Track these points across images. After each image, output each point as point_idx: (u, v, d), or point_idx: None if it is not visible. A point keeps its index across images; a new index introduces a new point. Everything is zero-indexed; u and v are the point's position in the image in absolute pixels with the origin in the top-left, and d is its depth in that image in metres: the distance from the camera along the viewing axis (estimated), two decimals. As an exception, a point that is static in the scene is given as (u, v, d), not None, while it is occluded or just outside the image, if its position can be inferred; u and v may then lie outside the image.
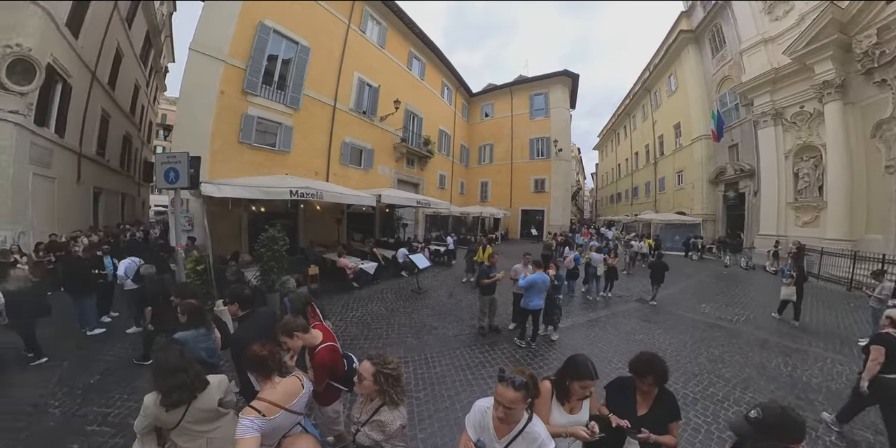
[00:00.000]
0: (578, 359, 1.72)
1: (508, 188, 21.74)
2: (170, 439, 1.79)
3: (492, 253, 6.13)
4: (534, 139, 20.95)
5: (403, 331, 5.43)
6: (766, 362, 4.48)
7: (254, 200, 8.04)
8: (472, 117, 23.59)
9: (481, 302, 5.40)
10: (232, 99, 8.68)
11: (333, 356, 2.11)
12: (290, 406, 1.68)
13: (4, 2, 6.95)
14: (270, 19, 9.33)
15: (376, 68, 13.29)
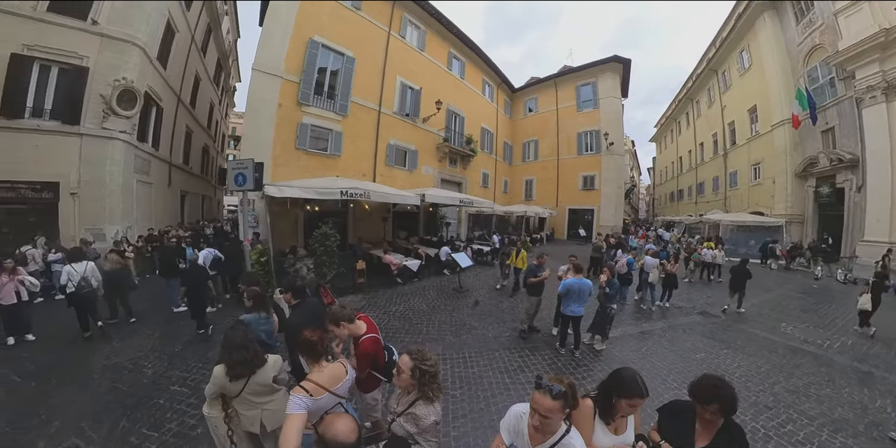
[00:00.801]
0: (626, 373, 1.57)
1: (554, 186, 20.48)
2: (232, 406, 2.07)
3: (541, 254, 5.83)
4: (582, 133, 19.50)
5: (443, 328, 5.45)
6: (869, 402, 3.60)
7: (309, 200, 8.82)
8: (515, 113, 22.86)
9: (528, 302, 5.23)
10: (289, 110, 9.62)
11: (375, 347, 2.20)
12: (334, 389, 1.81)
13: (113, 42, 8.50)
14: (319, 35, 10.16)
15: (417, 71, 13.63)
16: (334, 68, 10.72)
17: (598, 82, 19.04)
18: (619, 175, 19.02)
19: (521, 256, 7.44)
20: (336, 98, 10.72)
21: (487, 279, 9.23)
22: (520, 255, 7.46)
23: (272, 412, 2.08)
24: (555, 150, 20.65)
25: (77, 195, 8.15)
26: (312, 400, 1.68)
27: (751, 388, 3.85)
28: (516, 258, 7.50)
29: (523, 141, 22.36)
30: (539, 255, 5.46)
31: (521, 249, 7.42)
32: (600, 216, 18.86)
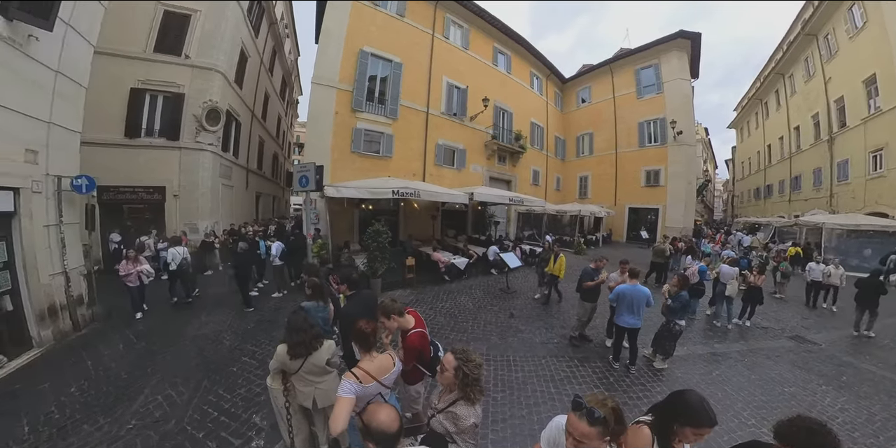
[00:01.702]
0: (692, 397, 1.37)
1: (612, 182, 18.57)
2: (290, 382, 2.33)
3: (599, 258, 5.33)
4: (644, 122, 17.50)
5: (489, 329, 5.37)
6: None
7: (363, 199, 9.43)
8: (567, 105, 21.50)
9: (580, 309, 4.89)
10: (344, 117, 10.37)
11: (422, 341, 2.25)
12: (382, 379, 1.91)
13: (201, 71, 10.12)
14: (368, 45, 10.82)
15: (462, 70, 13.67)
16: (383, 75, 11.28)
17: (660, 64, 16.83)
18: (689, 169, 16.60)
19: (560, 263, 6.54)
20: (386, 103, 11.24)
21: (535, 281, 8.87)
22: (558, 262, 6.54)
23: (324, 391, 2.30)
24: (612, 142, 18.73)
25: (178, 196, 9.92)
26: (361, 386, 1.79)
27: (858, 440, 3.04)
28: (553, 264, 6.58)
29: (577, 134, 20.78)
30: (597, 259, 5.09)
31: (558, 254, 6.59)
32: (666, 216, 16.62)
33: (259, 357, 4.26)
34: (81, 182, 5.12)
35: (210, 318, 5.64)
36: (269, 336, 4.91)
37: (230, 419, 3.07)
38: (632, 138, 18.01)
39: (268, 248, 7.62)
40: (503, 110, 15.53)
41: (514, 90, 16.48)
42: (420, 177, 11.84)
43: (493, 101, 14.14)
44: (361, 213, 10.64)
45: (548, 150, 19.28)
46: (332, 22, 10.25)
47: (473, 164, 14.13)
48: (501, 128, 15.21)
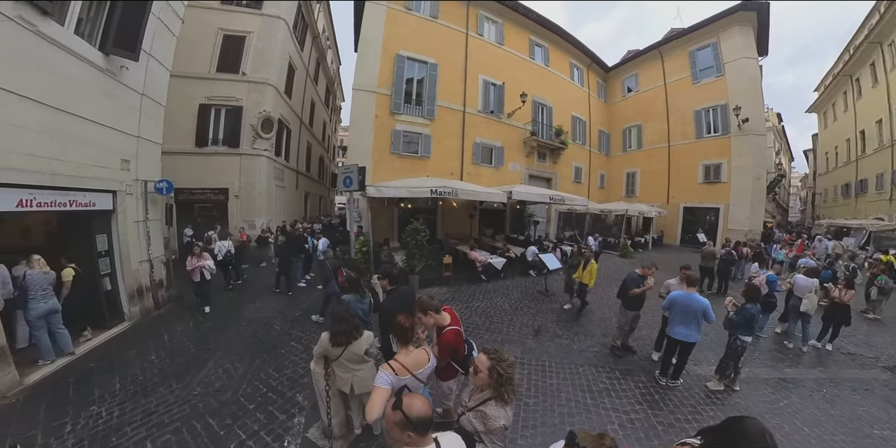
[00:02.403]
0: (752, 426, 1.18)
1: (664, 179, 16.92)
2: (331, 367, 2.51)
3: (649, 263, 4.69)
4: (701, 110, 15.50)
5: (524, 331, 5.22)
6: None
7: (402, 198, 9.73)
8: (611, 96, 20.12)
9: (622, 317, 4.54)
10: (384, 120, 10.86)
11: (457, 339, 2.27)
12: (417, 373, 1.97)
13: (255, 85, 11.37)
14: (404, 50, 11.21)
15: (498, 66, 13.49)
16: (420, 77, 11.60)
17: (720, 42, 14.78)
18: (757, 162, 14.14)
19: (590, 270, 5.81)
20: (423, 104, 11.53)
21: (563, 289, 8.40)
22: (588, 268, 5.82)
23: (361, 379, 2.45)
24: (664, 134, 17.04)
25: (238, 197, 11.28)
26: (397, 378, 1.87)
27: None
28: (583, 271, 5.89)
29: (623, 127, 19.24)
30: (645, 265, 4.56)
31: (589, 260, 5.89)
32: (729, 217, 14.55)
33: (304, 342, 4.64)
34: (162, 185, 6.05)
35: (264, 304, 6.30)
36: (314, 325, 5.30)
37: (277, 396, 3.40)
38: (687, 129, 16.19)
39: (314, 244, 8.18)
40: (542, 105, 15.09)
41: (553, 83, 15.88)
42: (458, 176, 11.95)
43: (531, 96, 13.84)
44: (401, 212, 11.02)
45: (591, 145, 18.26)
46: (370, 30, 10.81)
47: (512, 162, 13.92)
48: (540, 123, 14.79)
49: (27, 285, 3.63)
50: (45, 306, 3.73)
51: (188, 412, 3.12)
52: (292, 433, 2.85)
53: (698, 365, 4.19)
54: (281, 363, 4.07)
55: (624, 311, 4.51)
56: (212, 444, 2.73)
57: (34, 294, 3.66)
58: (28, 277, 3.65)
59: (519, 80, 13.72)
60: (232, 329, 5.11)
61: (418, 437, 1.29)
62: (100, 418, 3.01)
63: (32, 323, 3.72)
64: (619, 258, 12.20)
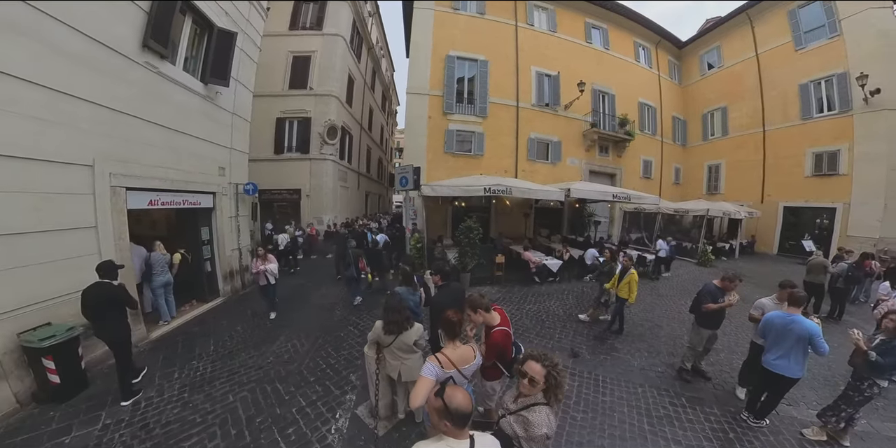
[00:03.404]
0: None
1: (758, 172, 14.18)
2: (382, 353, 2.73)
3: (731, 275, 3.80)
4: (808, 83, 12.45)
5: (578, 340, 4.93)
6: None
7: (456, 197, 9.81)
8: (687, 76, 17.63)
9: (695, 336, 3.90)
10: (437, 120, 11.18)
11: (506, 340, 2.26)
12: (461, 368, 2.02)
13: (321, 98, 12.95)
14: (453, 50, 11.40)
15: (552, 56, 12.83)
16: (470, 75, 11.69)
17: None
18: (894, 147, 10.60)
19: (629, 282, 4.94)
20: (475, 102, 11.59)
21: (645, 295, 7.28)
22: (626, 280, 4.97)
23: (408, 367, 2.62)
24: (757, 117, 14.29)
25: (309, 196, 12.93)
26: (442, 371, 1.94)
27: None
28: (619, 282, 5.07)
29: (703, 112, 16.76)
30: (726, 276, 3.77)
31: (628, 269, 5.02)
32: (849, 220, 11.29)
33: (360, 328, 5.10)
34: (249, 187, 7.30)
35: (328, 291, 7.10)
36: (370, 312, 5.79)
37: (333, 373, 3.84)
38: (789, 108, 13.23)
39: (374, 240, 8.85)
40: (603, 93, 13.98)
41: (615, 68, 14.45)
42: (512, 173, 11.74)
43: (590, 85, 12.91)
44: (455, 210, 11.19)
45: (662, 134, 16.25)
46: (419, 35, 11.25)
47: (570, 157, 13.18)
48: (602, 114, 13.73)
49: (152, 263, 4.89)
50: (163, 279, 4.95)
51: (262, 376, 3.76)
52: (343, 408, 3.19)
53: (793, 405, 3.46)
54: (339, 344, 4.55)
55: (697, 328, 3.88)
56: (278, 405, 3.23)
57: (156, 270, 4.89)
58: (152, 258, 4.91)
59: (575, 69, 12.89)
60: (300, 311, 5.90)
61: (454, 428, 1.32)
62: (197, 371, 3.86)
63: (154, 291, 4.96)
64: (697, 266, 10.75)
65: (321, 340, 4.69)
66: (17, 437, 2.72)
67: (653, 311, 6.32)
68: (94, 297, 3.14)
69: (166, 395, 3.37)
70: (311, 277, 8.27)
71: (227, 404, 3.24)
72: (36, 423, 2.90)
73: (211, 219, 6.35)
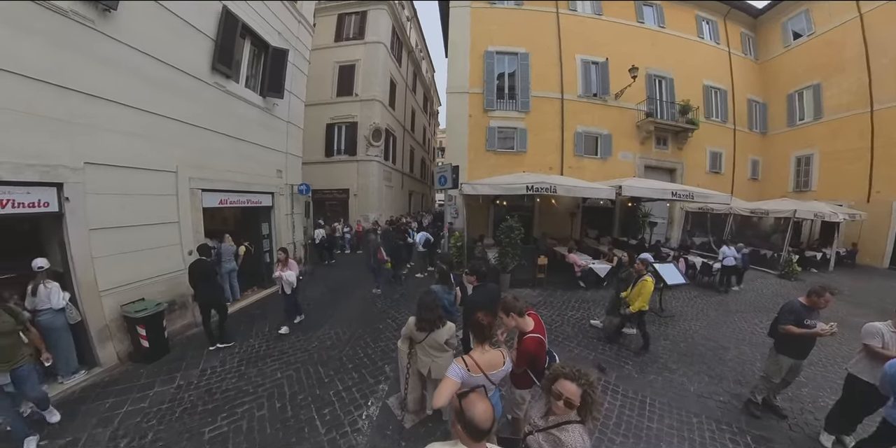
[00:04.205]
0: None
1: (863, 163, 11.67)
2: (415, 349, 2.83)
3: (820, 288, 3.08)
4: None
5: (624, 355, 4.45)
6: None
7: (498, 195, 9.78)
8: (766, 49, 14.99)
9: (772, 364, 3.22)
10: (477, 118, 11.22)
11: (538, 348, 2.17)
12: (489, 373, 1.97)
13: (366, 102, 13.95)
14: (491, 45, 11.31)
15: (598, 41, 12.04)
16: (511, 70, 11.49)
17: None
18: None
19: (641, 289, 4.40)
20: (517, 97, 11.40)
21: (707, 308, 6.53)
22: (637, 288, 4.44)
23: (438, 365, 2.69)
24: (862, 94, 11.70)
25: (356, 195, 13.98)
26: (468, 374, 1.90)
27: None
28: (630, 289, 4.56)
29: (788, 91, 14.17)
30: (814, 291, 3.05)
31: (642, 276, 4.46)
32: None
33: (398, 322, 5.35)
34: (303, 187, 8.17)
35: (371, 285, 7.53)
36: (408, 307, 6.04)
37: (370, 362, 4.12)
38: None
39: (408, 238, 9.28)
40: (659, 78, 12.76)
41: (673, 48, 12.98)
42: (557, 170, 11.35)
43: (643, 70, 11.81)
44: (496, 209, 11.13)
45: (735, 121, 14.16)
46: (456, 33, 11.35)
47: (622, 151, 12.29)
48: (658, 101, 12.59)
49: (221, 253, 5.79)
50: (230, 266, 5.88)
51: (306, 358, 4.20)
52: (376, 396, 3.40)
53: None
54: (377, 336, 4.86)
55: (776, 355, 3.19)
56: (318, 386, 3.59)
57: (225, 258, 5.81)
58: (222, 248, 5.82)
59: (626, 53, 11.86)
60: (344, 302, 6.41)
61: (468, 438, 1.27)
62: (253, 348, 4.45)
63: (223, 276, 5.75)
64: (778, 279, 9.18)
65: (360, 331, 5.04)
66: (116, 386, 3.51)
67: (718, 330, 5.45)
68: (196, 270, 4.27)
69: (227, 366, 3.98)
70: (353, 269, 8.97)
71: (275, 380, 3.69)
72: (129, 378, 3.68)
73: (270, 216, 7.23)
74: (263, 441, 2.79)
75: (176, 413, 3.11)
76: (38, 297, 3.18)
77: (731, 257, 7.80)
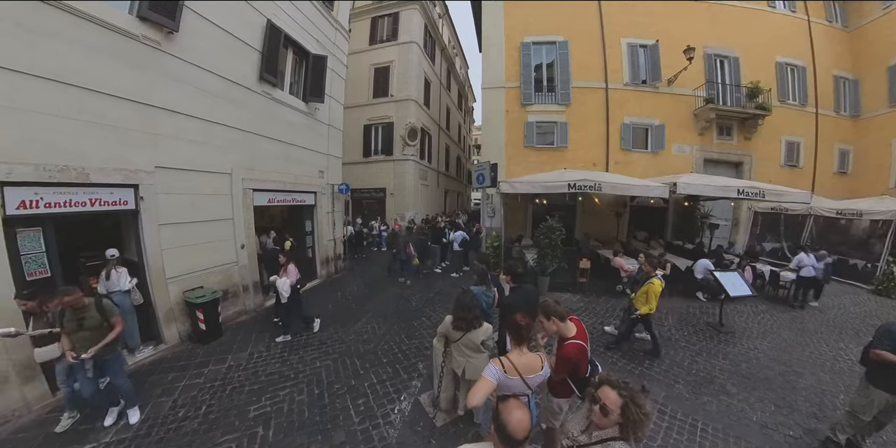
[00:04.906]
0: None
1: None
2: (450, 348, 2.88)
3: None
4: None
5: (675, 373, 4.06)
6: None
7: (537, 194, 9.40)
8: (857, 14, 12.68)
9: (861, 397, 2.73)
10: (515, 113, 10.97)
11: (579, 355, 2.11)
12: (526, 377, 1.93)
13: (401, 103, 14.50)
14: (527, 35, 10.98)
15: (645, 21, 11.13)
16: (549, 61, 11.09)
17: None
18: None
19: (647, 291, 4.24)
20: (556, 89, 11.00)
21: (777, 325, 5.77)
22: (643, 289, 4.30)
23: (473, 366, 2.73)
24: None
25: (393, 194, 14.56)
26: (505, 376, 1.89)
27: None
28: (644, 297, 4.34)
29: (889, 63, 11.86)
30: None
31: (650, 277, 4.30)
32: None
33: (433, 320, 5.50)
34: (343, 187, 8.69)
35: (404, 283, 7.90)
36: (444, 306, 6.17)
37: (404, 358, 4.27)
38: None
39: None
40: (720, 58, 11.49)
41: (737, 21, 11.55)
42: (602, 166, 10.78)
43: (701, 50, 10.71)
44: (535, 208, 10.85)
45: (817, 104, 12.27)
46: (490, 26, 11.18)
47: (677, 143, 11.30)
48: (720, 84, 11.39)
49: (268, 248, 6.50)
50: None
51: (344, 350, 4.48)
52: (408, 392, 3.52)
53: None
54: (412, 333, 5.02)
55: (867, 388, 2.69)
56: (354, 377, 3.81)
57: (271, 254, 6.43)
58: (268, 244, 6.61)
59: (680, 33, 10.81)
60: (381, 298, 6.74)
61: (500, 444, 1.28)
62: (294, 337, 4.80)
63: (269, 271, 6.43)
64: (872, 295, 7.86)
65: (396, 327, 5.25)
66: (177, 363, 4.09)
67: (790, 352, 4.79)
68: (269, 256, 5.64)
69: (272, 352, 4.40)
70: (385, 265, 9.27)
71: (314, 368, 4.00)
72: (188, 356, 4.25)
73: (312, 214, 7.84)
74: (301, 424, 3.03)
75: (227, 390, 3.51)
76: (112, 280, 3.86)
77: (809, 267, 6.74)
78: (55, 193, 3.23)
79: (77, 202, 3.40)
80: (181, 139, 4.45)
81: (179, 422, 3.02)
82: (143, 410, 3.13)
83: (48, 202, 3.19)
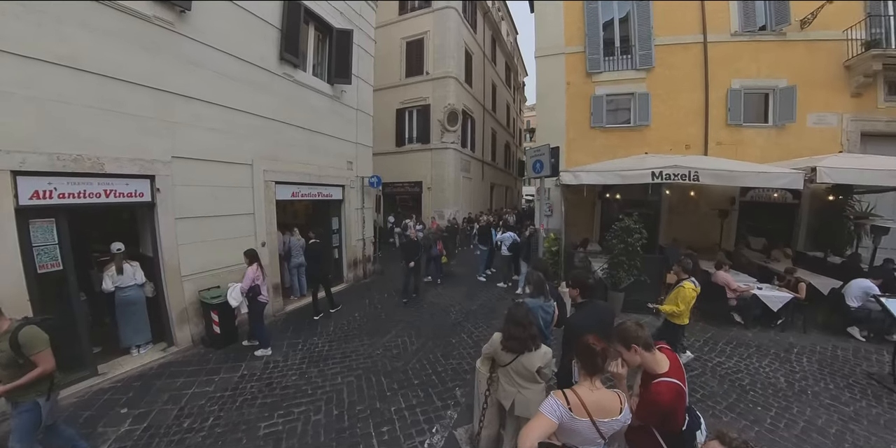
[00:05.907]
0: None
1: None
2: (496, 374, 2.67)
3: None
4: None
5: (808, 434, 3.34)
6: None
7: (609, 187, 8.95)
8: None
9: None
10: (578, 86, 10.49)
11: (675, 399, 1.86)
12: (598, 420, 1.73)
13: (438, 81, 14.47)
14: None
15: None
16: (622, 14, 10.38)
17: None
18: None
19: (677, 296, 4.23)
20: (632, 50, 10.26)
21: None
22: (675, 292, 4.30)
23: (525, 398, 2.49)
24: None
25: (430, 189, 14.66)
26: (569, 415, 1.71)
27: None
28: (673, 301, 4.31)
29: None
30: None
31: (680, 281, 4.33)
32: None
33: (475, 338, 5.39)
34: (374, 180, 9.00)
35: (445, 290, 7.95)
36: (487, 321, 6.04)
37: (438, 381, 4.19)
38: None
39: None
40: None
41: None
42: (698, 148, 9.82)
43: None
44: (605, 205, 10.33)
45: None
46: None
47: (814, 112, 9.61)
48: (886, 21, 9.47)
49: (290, 247, 6.82)
50: (298, 261, 6.88)
51: (369, 365, 4.52)
52: (442, 423, 3.40)
53: None
54: (449, 351, 4.94)
55: None
56: (379, 398, 3.80)
57: (294, 252, 6.85)
58: (291, 242, 6.83)
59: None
60: (414, 307, 6.81)
61: None
62: (316, 347, 5.02)
63: (291, 270, 6.95)
64: None
65: (431, 343, 5.21)
66: (188, 367, 4.35)
67: None
68: (311, 250, 6.25)
69: (289, 362, 4.57)
70: None
71: (335, 384, 4.07)
72: (199, 361, 4.50)
73: (340, 210, 8.20)
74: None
75: (237, 402, 3.69)
76: (125, 274, 4.29)
77: None
78: (69, 184, 3.62)
79: (91, 193, 3.81)
80: (199, 127, 4.83)
81: (183, 433, 3.20)
82: (146, 417, 3.38)
83: (62, 193, 3.58)
